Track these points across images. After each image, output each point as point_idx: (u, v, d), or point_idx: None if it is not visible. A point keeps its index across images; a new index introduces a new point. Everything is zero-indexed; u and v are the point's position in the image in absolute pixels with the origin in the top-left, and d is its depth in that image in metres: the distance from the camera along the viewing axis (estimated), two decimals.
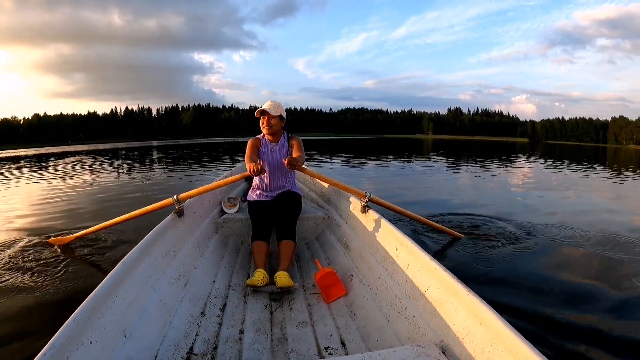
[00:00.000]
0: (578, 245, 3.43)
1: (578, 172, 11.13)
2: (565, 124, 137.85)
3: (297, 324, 1.76)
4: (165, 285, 1.76)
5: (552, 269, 2.89)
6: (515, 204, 5.79)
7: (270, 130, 2.64)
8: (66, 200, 6.01)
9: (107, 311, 1.29)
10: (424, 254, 1.63)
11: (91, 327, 1.18)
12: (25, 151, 39.04)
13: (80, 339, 1.12)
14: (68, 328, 1.09)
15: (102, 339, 1.20)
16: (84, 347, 1.12)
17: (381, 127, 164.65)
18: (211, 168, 12.02)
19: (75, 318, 1.14)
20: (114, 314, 1.32)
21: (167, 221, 2.11)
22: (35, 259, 3.05)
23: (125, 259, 1.56)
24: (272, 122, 2.61)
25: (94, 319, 1.22)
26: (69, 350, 1.06)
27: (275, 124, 2.63)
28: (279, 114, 2.63)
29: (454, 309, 1.34)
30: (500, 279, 2.68)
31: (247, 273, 2.35)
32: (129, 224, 3.00)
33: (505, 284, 2.62)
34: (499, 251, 3.21)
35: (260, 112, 2.61)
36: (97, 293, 1.28)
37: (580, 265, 3.03)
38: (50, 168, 13.31)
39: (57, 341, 1.03)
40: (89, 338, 1.15)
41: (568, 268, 2.96)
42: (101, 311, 1.26)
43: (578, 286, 2.62)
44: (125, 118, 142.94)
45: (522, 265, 2.94)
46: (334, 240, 2.60)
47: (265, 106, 2.61)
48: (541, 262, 3.01)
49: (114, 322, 1.30)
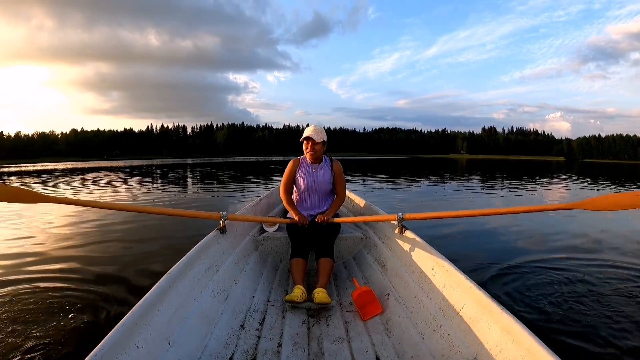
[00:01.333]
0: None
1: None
2: (602, 142, 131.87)
3: (333, 340, 1.78)
4: (207, 298, 1.83)
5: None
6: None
7: (314, 156, 2.73)
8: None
9: (152, 319, 1.37)
10: (459, 273, 1.66)
11: (138, 333, 1.26)
12: (62, 164, 41.19)
13: (128, 343, 1.20)
14: (117, 332, 1.17)
15: (147, 345, 1.28)
16: (131, 350, 1.20)
17: (415, 147, 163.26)
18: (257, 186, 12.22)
19: (125, 323, 1.22)
20: (159, 322, 1.40)
21: (210, 237, 2.21)
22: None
23: (170, 271, 1.65)
24: (316, 148, 2.69)
25: (141, 325, 1.30)
26: (118, 353, 1.14)
27: (318, 150, 2.71)
28: (322, 140, 2.70)
29: (488, 326, 1.35)
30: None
31: (285, 290, 2.40)
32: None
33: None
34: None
35: (306, 138, 2.68)
36: (144, 302, 1.37)
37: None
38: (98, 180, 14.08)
39: (107, 344, 1.11)
40: (136, 343, 1.23)
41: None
42: (147, 319, 1.34)
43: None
44: (160, 135, 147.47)
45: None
46: (371, 259, 2.62)
47: (309, 132, 2.67)
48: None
49: (158, 330, 1.38)
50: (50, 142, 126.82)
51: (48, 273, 3.20)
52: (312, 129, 2.70)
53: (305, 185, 2.76)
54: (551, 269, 3.30)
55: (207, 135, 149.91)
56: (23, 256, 3.73)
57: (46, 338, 2.14)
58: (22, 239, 4.56)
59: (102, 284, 2.94)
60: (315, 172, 2.78)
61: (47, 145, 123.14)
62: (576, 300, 2.66)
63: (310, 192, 2.77)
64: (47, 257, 3.69)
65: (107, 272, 3.25)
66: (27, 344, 2.06)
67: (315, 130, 2.69)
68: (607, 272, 3.24)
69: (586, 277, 3.10)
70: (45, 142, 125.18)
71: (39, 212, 6.62)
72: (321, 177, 2.77)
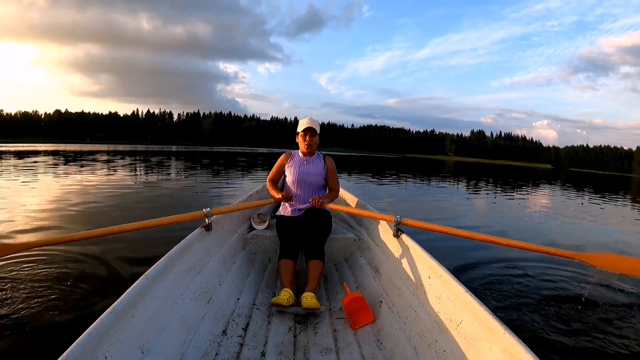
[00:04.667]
0: None
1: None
2: (589, 152, 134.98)
3: (321, 350, 1.68)
4: (187, 301, 1.71)
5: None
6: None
7: (311, 149, 2.71)
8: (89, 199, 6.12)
9: (125, 325, 1.25)
10: (458, 284, 1.54)
11: (108, 342, 1.15)
12: (43, 146, 39.91)
13: (96, 353, 1.09)
14: (84, 341, 1.06)
15: (118, 355, 1.16)
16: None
17: (403, 146, 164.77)
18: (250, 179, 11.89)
19: (92, 331, 1.10)
20: (133, 329, 1.29)
21: (194, 235, 2.07)
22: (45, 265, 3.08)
23: (148, 272, 1.51)
24: (314, 139, 2.70)
25: (112, 333, 1.18)
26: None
27: (315, 142, 2.72)
28: (319, 133, 2.72)
29: (488, 346, 1.25)
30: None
31: (272, 292, 2.30)
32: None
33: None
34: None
35: (307, 129, 2.65)
36: (117, 306, 1.24)
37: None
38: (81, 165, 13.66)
39: (71, 355, 1.00)
40: (105, 353, 1.12)
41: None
42: (119, 325, 1.23)
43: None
44: (145, 120, 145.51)
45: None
46: (364, 263, 2.52)
47: (309, 123, 2.64)
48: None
49: (132, 338, 1.26)
50: (34, 123, 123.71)
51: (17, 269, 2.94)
52: (310, 121, 2.67)
53: (297, 176, 2.71)
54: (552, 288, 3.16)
55: (193, 123, 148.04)
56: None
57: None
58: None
59: (71, 285, 2.66)
60: (307, 164, 2.75)
61: (30, 125, 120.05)
62: (582, 321, 2.55)
63: (301, 185, 2.71)
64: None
65: (80, 271, 2.95)
66: None
67: (313, 122, 2.67)
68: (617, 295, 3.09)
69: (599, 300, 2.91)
70: (28, 122, 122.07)
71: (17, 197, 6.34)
72: (313, 169, 2.73)
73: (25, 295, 2.48)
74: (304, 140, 2.68)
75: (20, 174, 9.97)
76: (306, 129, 2.65)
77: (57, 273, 2.87)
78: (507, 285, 3.11)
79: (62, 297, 2.48)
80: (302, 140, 2.70)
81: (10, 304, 2.35)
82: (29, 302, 2.39)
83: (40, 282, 2.67)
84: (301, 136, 2.70)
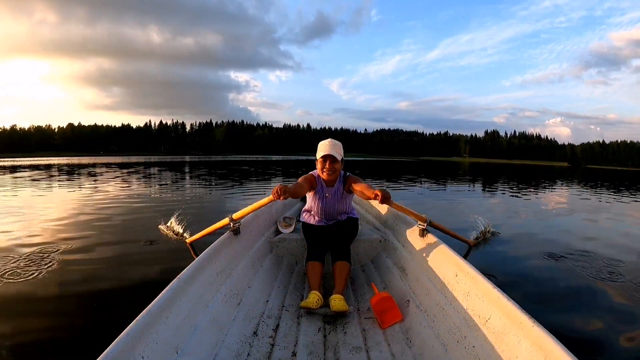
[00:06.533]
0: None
1: None
2: (605, 148, 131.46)
3: (351, 349, 1.70)
4: (218, 304, 1.76)
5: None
6: None
7: (333, 176, 2.46)
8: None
9: (160, 327, 1.30)
10: (485, 281, 1.56)
11: (144, 343, 1.19)
12: (57, 160, 40.73)
13: (133, 354, 1.13)
14: (121, 342, 1.10)
15: (154, 355, 1.20)
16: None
17: (417, 149, 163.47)
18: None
19: (129, 333, 1.15)
20: (167, 330, 1.33)
21: (223, 239, 2.14)
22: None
23: (180, 275, 1.57)
24: (336, 166, 2.42)
25: (147, 334, 1.22)
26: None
27: (338, 169, 2.45)
28: (342, 157, 2.45)
29: (517, 340, 1.26)
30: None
31: (300, 294, 2.33)
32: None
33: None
34: None
35: (326, 156, 2.38)
36: (151, 309, 1.29)
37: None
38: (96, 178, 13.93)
39: (110, 354, 1.04)
40: (141, 353, 1.16)
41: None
42: (155, 327, 1.27)
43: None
44: (158, 132, 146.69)
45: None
46: (390, 263, 2.54)
47: (328, 149, 2.38)
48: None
49: (166, 339, 1.30)
50: (47, 137, 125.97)
51: (48, 273, 3.04)
52: (331, 145, 2.40)
53: (319, 211, 2.59)
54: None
55: (206, 133, 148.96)
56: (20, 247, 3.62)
57: (43, 342, 2.03)
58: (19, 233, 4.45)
59: (107, 288, 2.76)
60: (329, 197, 2.54)
61: (43, 139, 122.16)
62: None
63: (325, 214, 2.62)
64: (48, 254, 3.59)
65: (113, 275, 3.06)
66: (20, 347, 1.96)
67: (334, 146, 2.40)
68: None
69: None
70: (41, 136, 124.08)
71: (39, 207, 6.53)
72: (335, 203, 2.56)
73: (62, 297, 2.59)
74: (322, 167, 2.43)
75: (35, 187, 10.24)
76: (325, 157, 2.39)
77: (94, 275, 3.00)
78: (539, 282, 3.08)
79: (98, 299, 2.58)
80: (320, 168, 2.45)
81: (48, 305, 2.48)
82: (65, 303, 2.51)
83: (76, 285, 2.79)
84: (320, 162, 2.43)
